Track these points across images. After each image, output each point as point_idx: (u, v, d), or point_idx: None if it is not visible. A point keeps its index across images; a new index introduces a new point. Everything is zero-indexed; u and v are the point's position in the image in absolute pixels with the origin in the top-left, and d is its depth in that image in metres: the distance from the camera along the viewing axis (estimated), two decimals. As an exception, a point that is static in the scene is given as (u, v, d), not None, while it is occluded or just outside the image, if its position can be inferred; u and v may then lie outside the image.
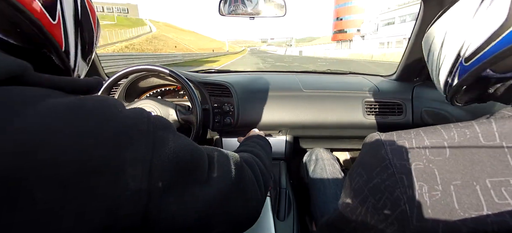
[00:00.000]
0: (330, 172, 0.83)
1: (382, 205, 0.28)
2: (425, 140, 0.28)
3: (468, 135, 0.26)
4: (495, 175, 0.24)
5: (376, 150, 0.31)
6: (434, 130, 0.29)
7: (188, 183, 0.26)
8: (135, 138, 0.22)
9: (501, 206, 0.23)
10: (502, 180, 0.24)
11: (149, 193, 0.21)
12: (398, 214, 0.27)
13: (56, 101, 0.20)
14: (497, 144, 0.25)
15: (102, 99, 0.24)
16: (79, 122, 0.20)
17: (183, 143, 0.27)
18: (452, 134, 0.27)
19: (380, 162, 0.29)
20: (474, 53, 0.31)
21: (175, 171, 0.24)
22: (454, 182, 0.25)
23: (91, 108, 0.22)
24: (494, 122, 0.26)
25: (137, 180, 0.21)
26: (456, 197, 0.24)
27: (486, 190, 0.24)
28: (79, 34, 0.30)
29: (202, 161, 0.29)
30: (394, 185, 0.27)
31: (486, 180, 0.24)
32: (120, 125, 0.22)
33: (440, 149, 0.27)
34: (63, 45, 0.27)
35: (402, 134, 0.30)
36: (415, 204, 0.26)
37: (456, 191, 0.25)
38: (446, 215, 0.24)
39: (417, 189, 0.26)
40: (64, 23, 0.27)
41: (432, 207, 0.25)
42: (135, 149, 0.22)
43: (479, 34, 0.30)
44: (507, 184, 0.23)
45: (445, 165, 0.26)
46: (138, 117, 0.24)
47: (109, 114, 0.22)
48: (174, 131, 0.28)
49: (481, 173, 0.24)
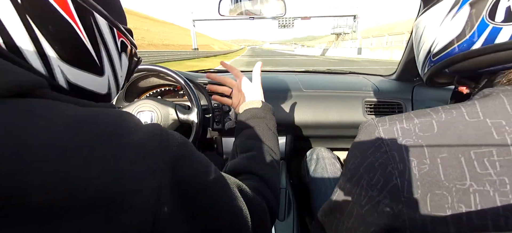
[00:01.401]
0: (331, 172, 0.83)
1: (376, 181, 0.30)
2: (414, 119, 0.31)
3: (454, 114, 0.29)
4: (479, 147, 0.25)
5: (370, 132, 0.33)
6: (423, 111, 0.31)
7: (195, 208, 0.25)
8: (146, 157, 0.21)
9: (482, 176, 0.24)
10: (485, 151, 0.25)
11: (155, 216, 0.20)
12: (390, 188, 0.29)
13: (65, 114, 0.19)
14: (481, 120, 0.27)
15: (116, 114, 0.23)
16: (88, 138, 0.19)
17: (198, 167, 0.26)
18: (440, 114, 0.30)
19: (373, 142, 0.32)
20: (439, 52, 0.36)
21: (181, 193, 0.23)
22: (441, 155, 0.27)
23: (103, 123, 0.21)
24: (477, 103, 0.28)
25: (144, 196, 0.20)
26: (442, 169, 0.26)
27: (470, 161, 0.25)
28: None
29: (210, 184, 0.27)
30: (386, 162, 0.29)
31: (470, 151, 0.26)
32: (132, 144, 0.21)
33: (429, 125, 0.29)
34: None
35: (394, 117, 0.33)
36: (405, 178, 0.28)
37: (442, 163, 0.26)
38: (433, 186, 0.26)
39: (407, 163, 0.28)
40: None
41: (421, 179, 0.27)
42: (144, 165, 0.21)
43: (444, 38, 0.34)
44: (490, 154, 0.25)
45: (432, 140, 0.28)
46: (153, 134, 0.23)
47: (121, 131, 0.21)
48: (191, 151, 0.27)
49: (466, 146, 0.26)
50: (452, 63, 0.34)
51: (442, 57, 0.35)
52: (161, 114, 0.80)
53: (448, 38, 0.34)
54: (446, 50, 0.34)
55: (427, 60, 0.39)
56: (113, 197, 0.18)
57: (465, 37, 0.32)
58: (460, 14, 0.32)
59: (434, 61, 0.37)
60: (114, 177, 0.19)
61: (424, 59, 0.40)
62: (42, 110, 0.19)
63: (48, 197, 0.16)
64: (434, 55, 0.37)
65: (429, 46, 0.37)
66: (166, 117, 0.81)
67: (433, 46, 0.37)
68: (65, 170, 0.17)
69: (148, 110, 0.79)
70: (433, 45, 0.37)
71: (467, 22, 0.31)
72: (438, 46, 0.36)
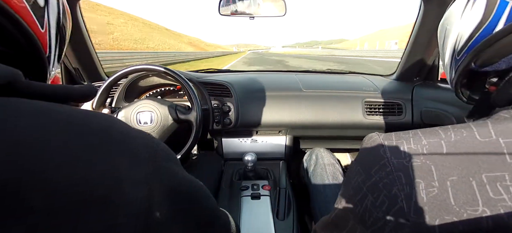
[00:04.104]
0: (330, 172, 0.83)
1: (380, 203, 0.28)
2: (422, 139, 0.29)
3: (464, 134, 0.27)
4: (491, 170, 0.24)
5: (374, 149, 0.31)
6: (431, 130, 0.29)
7: (184, 215, 0.26)
8: (136, 163, 0.21)
9: (496, 201, 0.23)
10: (498, 175, 0.24)
11: (146, 219, 0.21)
12: (395, 211, 0.27)
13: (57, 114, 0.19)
14: (493, 140, 0.25)
15: (107, 118, 0.23)
16: (80, 139, 0.19)
17: (184, 178, 0.27)
18: (449, 133, 0.28)
19: (378, 161, 0.30)
20: (463, 47, 0.34)
21: (173, 203, 0.24)
22: (451, 178, 0.25)
23: (95, 125, 0.21)
24: (490, 122, 0.27)
25: (135, 205, 0.20)
26: (452, 193, 0.25)
27: (482, 185, 0.24)
28: (59, 39, 0.30)
29: (198, 195, 0.30)
30: (392, 183, 0.28)
31: (482, 175, 0.24)
32: (124, 147, 0.21)
33: (437, 146, 0.27)
34: (47, 51, 0.27)
35: (400, 134, 0.31)
36: (412, 201, 0.26)
37: (452, 187, 0.25)
38: (442, 211, 0.25)
39: (414, 186, 0.26)
40: (49, 31, 0.27)
41: (429, 203, 0.25)
42: (135, 173, 0.21)
43: (466, 30, 0.34)
44: (503, 179, 0.23)
45: (441, 161, 0.26)
46: (144, 142, 0.24)
47: (114, 134, 0.21)
48: (179, 165, 0.28)
49: (477, 168, 0.25)
50: (477, 54, 0.32)
51: (467, 50, 0.34)
52: (161, 115, 0.80)
53: (470, 28, 0.32)
54: (469, 42, 0.33)
55: (452, 61, 0.37)
56: (104, 200, 0.18)
57: (487, 21, 0.30)
58: (479, 0, 0.31)
59: (459, 59, 0.35)
60: (108, 181, 0.19)
61: (450, 62, 0.38)
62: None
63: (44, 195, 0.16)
64: (459, 52, 0.35)
65: (454, 44, 0.36)
66: (166, 117, 0.81)
67: (457, 43, 0.36)
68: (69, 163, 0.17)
69: (148, 111, 0.79)
70: (456, 41, 0.36)
71: (487, 6, 0.30)
72: (462, 41, 0.34)
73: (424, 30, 0.94)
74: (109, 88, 0.82)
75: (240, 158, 0.91)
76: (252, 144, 1.09)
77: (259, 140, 1.09)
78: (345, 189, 0.36)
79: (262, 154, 1.08)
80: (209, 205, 0.33)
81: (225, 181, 0.91)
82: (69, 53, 1.00)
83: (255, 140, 1.09)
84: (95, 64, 1.09)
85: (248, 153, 0.88)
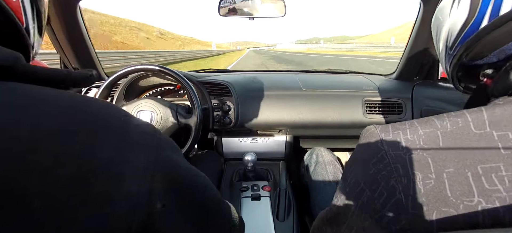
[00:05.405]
0: (331, 172, 0.83)
1: (378, 195, 0.29)
2: (419, 129, 0.29)
3: (460, 123, 0.27)
4: (486, 162, 0.25)
5: (372, 141, 0.32)
6: (427, 120, 0.30)
7: (184, 204, 0.26)
8: (138, 150, 0.21)
9: (491, 192, 0.24)
10: (493, 166, 0.24)
11: (149, 208, 0.21)
12: (393, 203, 0.27)
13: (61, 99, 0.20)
14: (487, 132, 0.26)
15: (109, 105, 0.23)
16: (83, 125, 0.19)
17: (185, 167, 0.27)
18: (445, 123, 0.28)
19: (376, 153, 0.30)
20: (454, 43, 0.36)
21: (177, 193, 0.24)
22: (447, 170, 0.26)
23: (96, 112, 0.21)
24: (485, 110, 0.27)
25: (136, 192, 0.20)
26: (449, 185, 0.25)
27: (477, 177, 0.24)
28: (35, 8, 0.29)
29: (200, 186, 0.30)
30: (389, 175, 0.28)
31: (477, 166, 0.25)
32: (125, 134, 0.21)
33: (434, 138, 0.28)
34: (24, 22, 0.26)
35: (397, 125, 0.31)
36: (410, 193, 0.26)
37: (448, 178, 0.25)
38: (439, 202, 0.25)
39: (411, 178, 0.27)
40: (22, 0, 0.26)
41: (426, 195, 0.26)
42: (137, 161, 0.21)
43: (455, 26, 0.35)
44: (498, 169, 0.24)
45: (438, 153, 0.27)
46: (146, 130, 0.24)
47: (115, 121, 0.22)
48: (180, 153, 0.28)
49: (473, 160, 0.25)
50: (467, 49, 0.34)
51: (457, 45, 0.35)
52: (161, 114, 0.80)
53: (459, 24, 0.34)
54: (459, 38, 0.34)
55: (446, 56, 0.39)
56: (105, 190, 0.19)
57: (473, 18, 0.32)
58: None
59: (451, 53, 0.37)
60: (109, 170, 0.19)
61: (444, 56, 0.40)
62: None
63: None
64: (451, 47, 0.37)
65: (445, 40, 0.38)
66: (166, 116, 0.81)
67: (448, 39, 0.37)
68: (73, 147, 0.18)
69: (148, 110, 0.79)
70: (448, 38, 0.37)
71: (472, 2, 0.32)
72: (452, 37, 0.36)
73: (423, 30, 0.94)
74: (110, 87, 0.82)
75: (240, 157, 0.91)
76: (252, 143, 1.09)
77: (259, 140, 1.09)
78: (343, 183, 0.36)
79: (262, 153, 1.08)
80: (213, 196, 0.32)
81: (225, 182, 0.91)
82: (69, 53, 1.01)
83: (255, 140, 1.09)
84: (95, 64, 1.09)
85: (248, 153, 0.88)
